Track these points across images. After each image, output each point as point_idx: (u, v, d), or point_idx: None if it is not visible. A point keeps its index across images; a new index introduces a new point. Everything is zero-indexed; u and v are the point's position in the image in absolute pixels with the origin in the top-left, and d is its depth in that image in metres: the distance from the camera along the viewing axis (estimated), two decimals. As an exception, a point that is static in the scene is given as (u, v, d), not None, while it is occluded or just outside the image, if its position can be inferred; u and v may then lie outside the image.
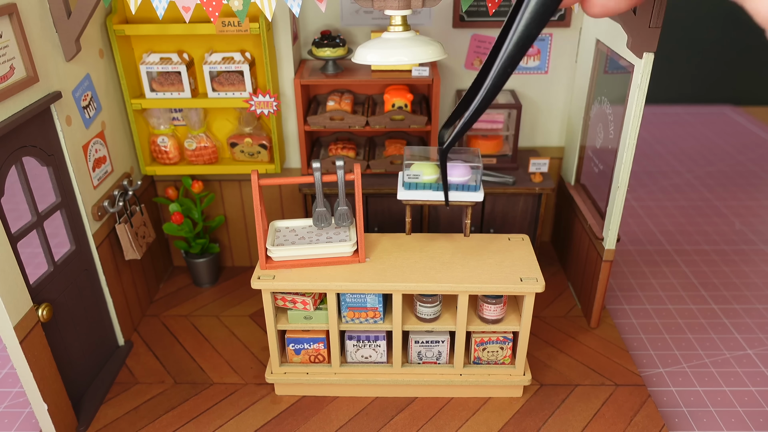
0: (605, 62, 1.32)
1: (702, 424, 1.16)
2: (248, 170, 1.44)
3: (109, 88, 1.31)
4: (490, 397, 1.20)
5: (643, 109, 1.13)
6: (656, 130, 2.64)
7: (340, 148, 1.48)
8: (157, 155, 1.45)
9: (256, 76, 1.39)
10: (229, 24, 1.24)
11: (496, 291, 1.07)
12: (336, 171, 1.08)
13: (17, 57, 0.98)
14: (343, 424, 1.14)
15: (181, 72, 1.33)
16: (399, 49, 0.95)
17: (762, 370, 1.29)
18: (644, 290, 1.56)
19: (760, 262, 1.68)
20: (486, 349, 1.17)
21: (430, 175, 1.08)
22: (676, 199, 2.03)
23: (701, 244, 1.77)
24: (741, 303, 1.51)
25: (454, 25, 1.48)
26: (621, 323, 1.44)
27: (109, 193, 1.29)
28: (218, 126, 1.48)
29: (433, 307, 1.12)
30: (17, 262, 0.97)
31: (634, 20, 1.05)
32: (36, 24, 1.02)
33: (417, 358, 1.19)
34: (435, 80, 1.37)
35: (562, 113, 1.59)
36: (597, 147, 1.37)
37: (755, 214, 1.94)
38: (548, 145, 1.63)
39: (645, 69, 1.08)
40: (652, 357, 1.33)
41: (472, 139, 1.54)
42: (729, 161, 2.32)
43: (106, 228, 1.27)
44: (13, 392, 1.26)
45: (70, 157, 1.13)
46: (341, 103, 1.43)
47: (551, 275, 1.59)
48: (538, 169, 1.49)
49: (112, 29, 1.26)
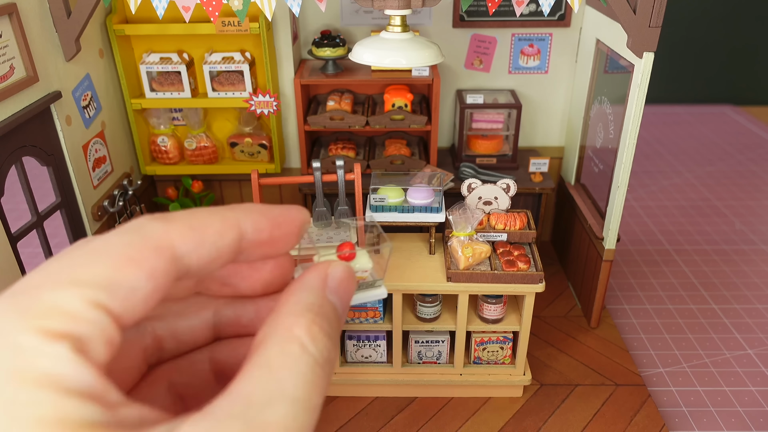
0: (605, 62, 1.32)
1: (702, 424, 1.16)
2: (248, 170, 1.44)
3: (109, 88, 1.30)
4: (490, 397, 1.20)
5: (643, 108, 1.13)
6: (656, 130, 2.64)
7: (340, 147, 1.48)
8: (157, 155, 1.45)
9: (256, 76, 1.39)
10: (229, 24, 1.24)
11: (496, 291, 1.07)
12: (336, 171, 1.08)
13: (17, 57, 0.98)
14: (343, 424, 1.14)
15: (181, 72, 1.33)
16: (396, 51, 0.95)
17: (762, 370, 1.29)
18: (644, 290, 1.56)
19: (760, 262, 1.68)
20: (486, 348, 1.17)
21: (395, 198, 1.12)
22: (676, 199, 2.03)
23: (701, 244, 1.76)
24: (741, 303, 1.51)
25: (454, 24, 1.48)
26: (621, 323, 1.44)
27: (109, 193, 1.29)
28: (218, 126, 1.48)
29: (433, 306, 1.12)
30: (17, 262, 0.97)
31: (634, 20, 1.05)
32: (36, 24, 1.02)
33: (417, 358, 1.19)
34: (435, 80, 1.37)
35: (562, 113, 1.59)
36: (597, 147, 1.37)
37: (755, 214, 1.94)
38: (548, 145, 1.63)
39: (645, 69, 1.08)
40: (652, 357, 1.33)
41: (472, 139, 1.54)
42: (729, 161, 2.32)
43: (106, 228, 1.27)
44: (13, 392, 1.26)
45: (70, 156, 1.13)
46: (341, 103, 1.43)
47: (551, 275, 1.59)
48: (538, 169, 1.49)
49: (112, 29, 1.26)
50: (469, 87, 1.57)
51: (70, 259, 0.27)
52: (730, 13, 2.76)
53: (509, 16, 1.45)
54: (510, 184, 1.14)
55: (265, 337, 0.30)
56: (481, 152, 1.54)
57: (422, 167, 1.42)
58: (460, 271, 1.05)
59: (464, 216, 1.09)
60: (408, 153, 1.47)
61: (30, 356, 0.23)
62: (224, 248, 0.31)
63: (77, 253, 0.28)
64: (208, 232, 0.30)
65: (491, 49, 1.51)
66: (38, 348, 0.24)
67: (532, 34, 1.49)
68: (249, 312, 0.37)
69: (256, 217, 0.33)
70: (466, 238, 1.08)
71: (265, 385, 0.27)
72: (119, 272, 0.26)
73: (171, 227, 0.29)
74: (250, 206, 0.34)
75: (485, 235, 1.11)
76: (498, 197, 1.15)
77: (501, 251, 1.10)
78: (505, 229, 1.12)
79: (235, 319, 0.37)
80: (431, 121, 1.41)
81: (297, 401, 0.27)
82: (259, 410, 0.25)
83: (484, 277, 1.05)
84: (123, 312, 0.26)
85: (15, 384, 0.22)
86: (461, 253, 1.05)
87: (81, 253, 0.28)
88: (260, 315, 0.37)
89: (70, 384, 0.23)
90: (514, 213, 1.15)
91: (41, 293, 0.25)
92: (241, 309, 0.37)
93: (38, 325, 0.24)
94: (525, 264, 1.06)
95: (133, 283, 0.27)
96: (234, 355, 0.37)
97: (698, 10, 2.77)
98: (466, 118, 1.51)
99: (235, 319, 0.37)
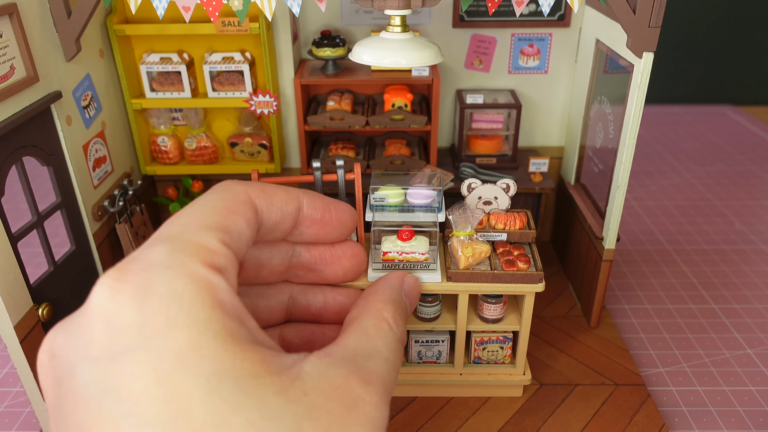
0: (605, 62, 1.32)
1: (702, 424, 1.16)
2: (248, 170, 1.44)
3: (109, 88, 1.31)
4: (490, 397, 1.20)
5: (642, 108, 1.13)
6: (656, 130, 2.64)
7: (340, 147, 1.48)
8: (157, 155, 1.45)
9: (256, 76, 1.39)
10: (229, 24, 1.24)
11: (496, 290, 1.07)
12: (336, 171, 1.08)
13: (17, 57, 0.98)
14: (343, 424, 1.14)
15: (181, 72, 1.33)
16: (395, 51, 0.96)
17: (762, 369, 1.30)
18: (644, 290, 1.56)
19: (760, 261, 1.68)
20: (486, 348, 1.17)
21: (395, 198, 1.12)
22: (676, 199, 2.03)
23: (701, 244, 1.77)
24: (741, 303, 1.51)
25: (453, 24, 1.48)
26: (621, 323, 1.44)
27: (109, 193, 1.29)
28: (218, 126, 1.48)
29: (433, 306, 1.12)
30: (17, 262, 0.97)
31: (633, 20, 1.05)
32: (36, 24, 1.02)
33: (417, 357, 1.19)
34: (435, 80, 1.37)
35: (561, 113, 1.59)
36: (597, 147, 1.38)
37: (755, 214, 1.94)
38: (548, 145, 1.63)
39: (645, 69, 1.08)
40: (652, 357, 1.33)
41: (472, 138, 1.54)
42: (729, 161, 2.32)
43: (106, 228, 1.28)
44: (14, 392, 1.26)
45: (70, 156, 1.13)
46: (341, 103, 1.44)
47: (551, 275, 1.59)
48: (537, 169, 1.49)
49: (112, 29, 1.26)
50: (469, 87, 1.57)
51: (191, 213, 0.34)
52: (730, 13, 2.76)
53: (509, 16, 1.45)
54: (510, 184, 1.14)
55: (360, 314, 0.38)
56: (481, 152, 1.54)
57: (422, 167, 1.42)
58: (460, 270, 1.05)
59: (464, 216, 1.09)
60: (408, 153, 1.47)
61: (203, 283, 0.30)
62: (287, 214, 0.38)
63: (192, 209, 0.34)
64: (276, 198, 0.38)
65: (491, 49, 1.51)
66: (209, 277, 0.30)
67: (532, 34, 1.49)
68: (318, 301, 0.45)
69: (313, 197, 0.41)
70: (466, 238, 1.08)
71: (365, 345, 0.35)
72: (228, 220, 0.34)
73: (250, 189, 0.37)
74: (310, 191, 0.43)
75: (485, 234, 1.11)
76: (498, 197, 1.15)
77: (501, 251, 1.10)
78: (505, 228, 1.12)
79: (305, 305, 0.45)
80: (431, 121, 1.41)
81: (388, 361, 0.35)
82: (364, 360, 0.33)
83: (484, 277, 1.05)
84: (237, 250, 0.34)
85: (198, 305, 0.29)
86: (461, 253, 1.05)
87: (195, 209, 0.34)
88: (327, 305, 0.45)
89: (229, 308, 0.30)
90: (514, 213, 1.15)
91: (189, 236, 0.32)
92: (312, 297, 0.45)
93: (204, 260, 0.31)
94: (525, 264, 1.06)
95: (240, 228, 0.34)
96: (300, 335, 0.45)
97: (698, 10, 2.77)
98: (466, 118, 1.51)
99: (306, 306, 0.45)
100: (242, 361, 0.27)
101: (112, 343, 0.27)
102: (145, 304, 0.28)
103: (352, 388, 0.30)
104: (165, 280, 0.28)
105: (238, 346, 0.28)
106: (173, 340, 0.27)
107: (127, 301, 0.28)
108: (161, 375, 0.26)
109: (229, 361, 0.27)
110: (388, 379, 0.32)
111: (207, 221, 0.32)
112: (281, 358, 0.30)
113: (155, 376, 0.26)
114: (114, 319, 0.28)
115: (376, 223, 1.09)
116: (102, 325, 0.28)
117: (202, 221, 0.32)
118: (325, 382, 0.29)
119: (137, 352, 0.27)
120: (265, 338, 0.31)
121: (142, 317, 0.27)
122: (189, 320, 0.28)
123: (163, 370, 0.26)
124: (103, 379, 0.27)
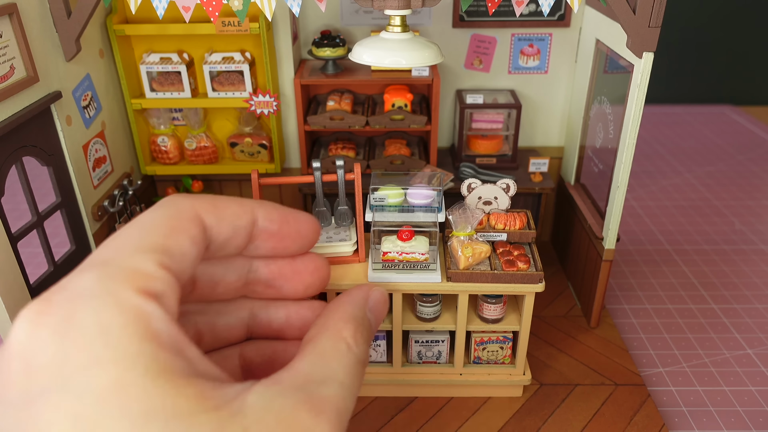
0: (605, 62, 1.32)
1: (702, 424, 1.16)
2: (248, 170, 1.44)
3: (109, 88, 1.31)
4: (490, 397, 1.20)
5: (642, 108, 1.13)
6: (656, 130, 2.64)
7: (340, 147, 1.48)
8: (157, 155, 1.45)
9: (256, 76, 1.39)
10: (229, 24, 1.24)
11: (496, 291, 1.07)
12: (336, 171, 1.08)
13: (17, 57, 0.98)
14: (343, 424, 1.14)
15: (181, 72, 1.33)
16: (395, 51, 0.95)
17: (762, 369, 1.30)
18: (644, 290, 1.56)
19: (760, 261, 1.68)
20: (486, 348, 1.17)
21: (395, 198, 1.12)
22: (676, 199, 2.03)
23: (701, 244, 1.77)
24: (741, 303, 1.51)
25: (453, 24, 1.48)
26: (621, 323, 1.44)
27: (109, 193, 1.29)
28: (218, 126, 1.48)
29: (433, 306, 1.12)
30: (17, 262, 0.97)
31: (633, 20, 1.05)
32: (36, 24, 1.02)
33: (417, 357, 1.19)
34: (435, 80, 1.37)
35: (561, 113, 1.59)
36: (597, 147, 1.38)
37: (755, 214, 1.94)
38: (548, 145, 1.63)
39: (645, 69, 1.08)
40: (652, 357, 1.33)
41: (472, 138, 1.54)
42: (729, 161, 2.32)
43: (106, 228, 1.28)
44: (13, 392, 1.26)
45: (70, 156, 1.13)
46: (341, 103, 1.44)
47: (551, 275, 1.59)
48: (537, 169, 1.49)
49: (112, 29, 1.26)
50: (469, 87, 1.57)
51: (128, 234, 0.31)
52: (730, 13, 2.76)
53: (509, 16, 1.45)
54: (510, 184, 1.14)
55: (317, 333, 0.35)
56: (480, 152, 1.54)
57: (422, 167, 1.42)
58: (460, 270, 1.05)
59: (464, 216, 1.09)
60: (408, 153, 1.47)
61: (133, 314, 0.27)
62: (240, 229, 0.36)
63: (130, 230, 0.32)
64: (227, 212, 0.35)
65: (491, 49, 1.51)
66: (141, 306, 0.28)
67: (532, 34, 1.49)
68: (280, 316, 0.42)
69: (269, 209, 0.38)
70: (466, 238, 1.08)
71: (320, 368, 0.32)
72: (170, 239, 0.31)
73: (197, 203, 0.34)
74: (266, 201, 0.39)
75: (485, 234, 1.11)
76: (498, 197, 1.15)
77: (501, 251, 1.10)
78: (504, 228, 1.12)
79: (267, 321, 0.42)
80: (431, 121, 1.41)
81: (344, 386, 0.32)
82: (316, 386, 0.31)
83: (484, 277, 1.05)
84: (180, 273, 0.31)
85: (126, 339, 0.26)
86: (461, 253, 1.05)
87: (133, 228, 0.32)
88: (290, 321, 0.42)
89: (165, 338, 0.27)
90: (513, 213, 1.15)
91: (123, 261, 0.29)
92: (274, 313, 0.42)
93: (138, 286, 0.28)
94: (525, 264, 1.06)
95: (183, 247, 0.31)
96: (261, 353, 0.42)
97: (698, 10, 2.77)
98: (466, 118, 1.51)
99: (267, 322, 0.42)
100: (175, 398, 0.25)
101: (30, 385, 0.25)
102: (67, 340, 0.25)
103: (300, 420, 0.27)
104: (91, 311, 0.26)
105: (171, 381, 0.25)
106: (96, 380, 0.24)
107: (48, 336, 0.25)
108: (80, 420, 0.24)
109: (160, 400, 0.24)
110: (342, 406, 0.29)
111: (144, 242, 0.29)
112: (223, 390, 0.27)
113: (73, 421, 0.24)
114: (32, 358, 0.25)
115: (376, 223, 1.10)
116: (20, 365, 0.25)
117: (140, 242, 0.29)
118: (270, 415, 0.26)
119: (55, 395, 0.24)
120: (208, 367, 0.28)
121: (63, 354, 0.25)
122: (115, 356, 0.25)
123: (83, 414, 0.24)
124: (17, 426, 0.24)
